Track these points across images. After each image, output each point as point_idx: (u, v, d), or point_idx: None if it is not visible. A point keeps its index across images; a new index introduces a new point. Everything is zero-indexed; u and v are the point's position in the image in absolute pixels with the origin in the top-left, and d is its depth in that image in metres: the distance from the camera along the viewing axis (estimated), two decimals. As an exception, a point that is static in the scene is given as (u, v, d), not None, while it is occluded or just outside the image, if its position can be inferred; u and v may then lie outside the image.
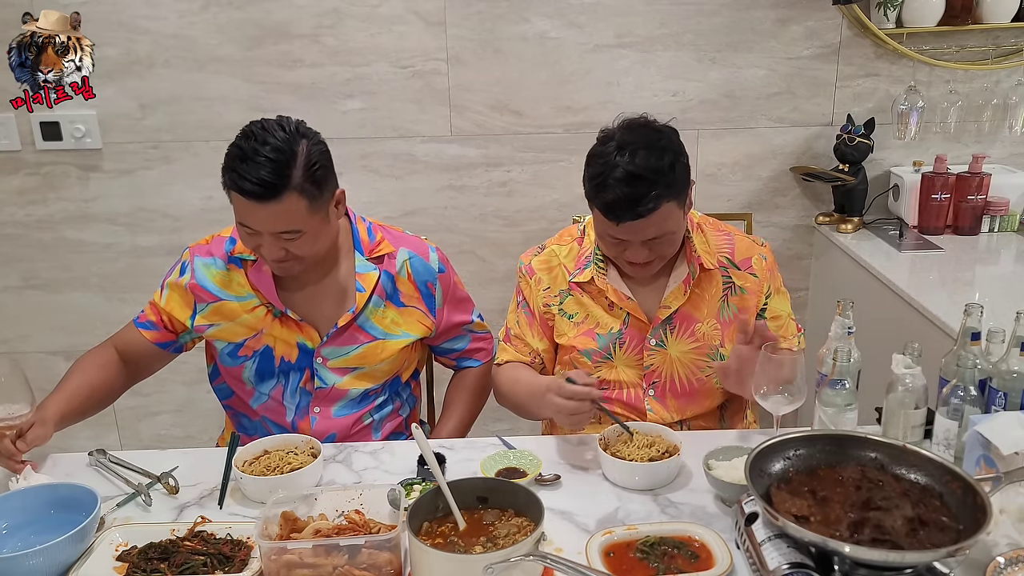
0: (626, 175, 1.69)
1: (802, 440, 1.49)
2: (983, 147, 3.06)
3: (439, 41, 2.89)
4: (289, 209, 1.70)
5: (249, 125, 1.75)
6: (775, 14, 2.91)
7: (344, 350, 1.93)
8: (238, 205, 1.73)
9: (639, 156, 1.70)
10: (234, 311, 1.91)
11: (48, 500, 1.51)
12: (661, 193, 1.71)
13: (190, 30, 2.85)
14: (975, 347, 1.60)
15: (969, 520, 1.29)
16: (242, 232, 1.78)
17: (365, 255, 1.93)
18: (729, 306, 1.92)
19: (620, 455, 1.65)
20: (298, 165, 1.70)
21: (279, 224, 1.72)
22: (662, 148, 1.73)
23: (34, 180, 3.00)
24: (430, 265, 1.99)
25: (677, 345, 1.90)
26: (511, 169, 3.04)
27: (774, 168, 3.08)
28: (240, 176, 1.68)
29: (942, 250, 2.77)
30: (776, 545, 1.31)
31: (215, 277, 1.92)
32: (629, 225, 1.72)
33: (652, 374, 1.91)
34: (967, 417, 1.53)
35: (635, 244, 1.77)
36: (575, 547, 1.43)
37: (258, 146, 1.69)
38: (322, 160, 1.76)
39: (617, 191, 1.69)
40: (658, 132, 1.78)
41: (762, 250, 1.97)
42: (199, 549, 1.44)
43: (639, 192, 1.69)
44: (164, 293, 1.96)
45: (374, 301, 1.94)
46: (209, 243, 1.96)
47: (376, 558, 1.34)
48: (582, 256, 1.94)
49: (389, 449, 1.81)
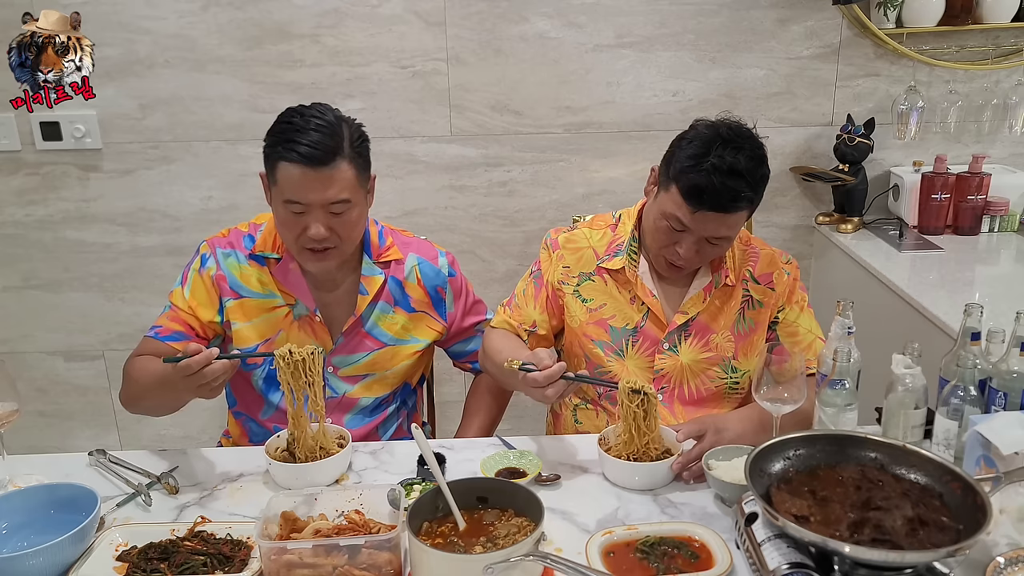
0: (727, 167, 1.67)
1: (802, 440, 1.48)
2: (983, 147, 3.06)
3: (439, 41, 2.89)
4: (342, 176, 1.73)
5: (289, 109, 1.78)
6: (775, 14, 2.92)
7: (354, 358, 1.93)
8: (288, 179, 1.72)
9: (744, 156, 1.69)
10: (254, 309, 1.90)
11: (48, 500, 1.51)
12: (750, 198, 1.71)
13: (190, 30, 2.85)
14: (975, 347, 1.59)
15: (969, 520, 1.28)
16: (286, 214, 1.76)
17: (372, 258, 1.92)
18: (745, 320, 1.90)
19: (620, 455, 1.65)
20: (346, 135, 1.74)
21: (332, 191, 1.72)
22: (761, 158, 1.74)
23: (34, 180, 3.00)
24: (440, 270, 1.99)
25: (690, 352, 1.89)
26: (511, 169, 3.04)
27: (774, 168, 2.95)
28: (296, 143, 1.69)
29: (942, 250, 2.76)
30: (776, 545, 1.31)
31: (237, 271, 1.90)
32: (704, 216, 1.71)
33: (662, 378, 1.90)
34: (967, 417, 1.52)
35: (693, 237, 1.76)
36: (575, 547, 1.43)
37: (308, 119, 1.73)
38: (364, 137, 1.81)
39: (714, 179, 1.67)
40: (758, 140, 1.77)
41: (787, 267, 1.94)
42: (199, 549, 1.43)
43: (734, 188, 1.68)
44: (187, 287, 1.90)
45: (381, 307, 1.93)
46: (228, 235, 1.94)
47: (376, 558, 1.34)
48: (614, 244, 1.92)
49: (389, 449, 1.81)
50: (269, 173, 1.77)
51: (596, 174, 3.06)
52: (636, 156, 3.04)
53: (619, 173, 3.06)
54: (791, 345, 1.89)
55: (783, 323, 1.92)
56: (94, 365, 3.17)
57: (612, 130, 3.01)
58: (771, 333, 1.92)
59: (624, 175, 3.06)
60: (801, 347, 1.89)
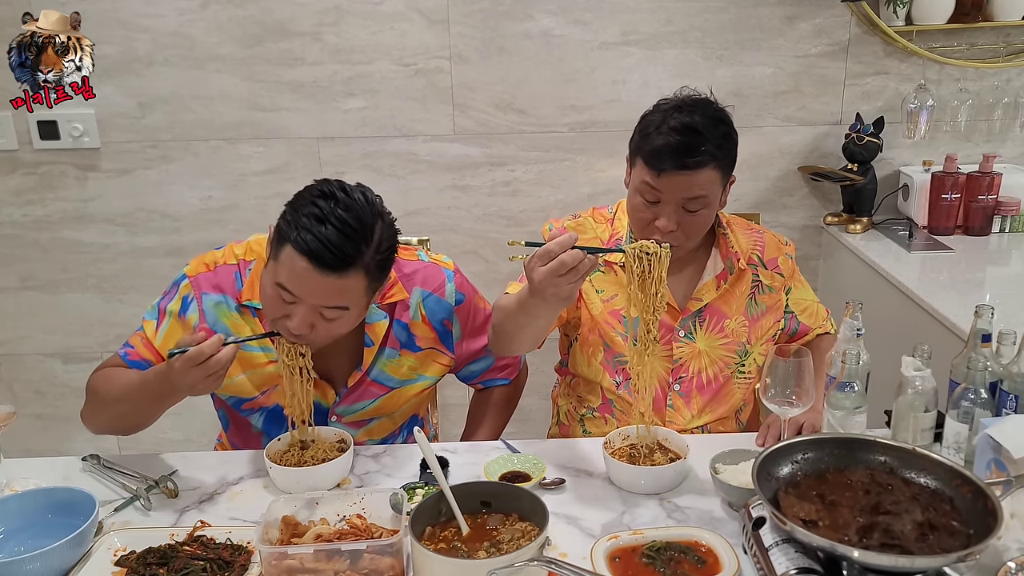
0: (681, 125, 1.72)
1: (810, 443, 1.48)
2: (994, 146, 3.04)
3: (442, 39, 2.88)
4: (349, 286, 1.57)
5: (327, 184, 1.60)
6: (783, 11, 2.90)
7: (359, 406, 1.85)
8: (290, 267, 1.54)
9: (697, 115, 1.74)
10: (247, 363, 1.76)
11: (45, 504, 1.50)
12: (710, 151, 1.73)
13: (190, 28, 2.84)
14: (986, 349, 1.58)
15: (980, 525, 1.28)
16: (273, 294, 1.59)
17: (376, 301, 1.75)
18: (757, 304, 1.93)
19: (625, 459, 1.64)
20: (373, 243, 1.57)
21: (331, 298, 1.57)
22: (719, 118, 1.77)
23: (31, 180, 2.99)
24: (446, 301, 1.85)
25: (706, 339, 1.91)
26: (515, 169, 3.03)
27: (782, 168, 3.07)
28: (315, 238, 1.51)
29: (952, 251, 2.75)
30: (784, 550, 1.30)
31: (229, 320, 1.74)
32: (671, 177, 1.73)
33: (681, 368, 1.90)
34: (977, 420, 1.51)
35: (668, 206, 1.76)
36: (580, 552, 1.42)
37: (340, 209, 1.54)
38: (393, 244, 1.63)
39: (669, 138, 1.72)
40: (716, 104, 1.81)
41: (787, 249, 2.00)
42: (199, 554, 1.42)
43: (691, 143, 1.71)
44: (162, 329, 1.76)
45: (387, 353, 1.82)
46: (214, 271, 1.77)
47: (378, 563, 1.34)
48: (613, 238, 1.93)
49: (391, 453, 1.80)
50: (275, 244, 1.59)
51: (601, 174, 3.05)
52: (641, 155, 3.02)
53: (624, 173, 3.02)
54: (807, 319, 2.00)
55: (793, 302, 1.99)
56: (92, 367, 3.07)
57: (618, 129, 2.98)
58: (790, 316, 1.99)
59: (629, 174, 3.03)
60: (815, 319, 2.01)
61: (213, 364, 1.50)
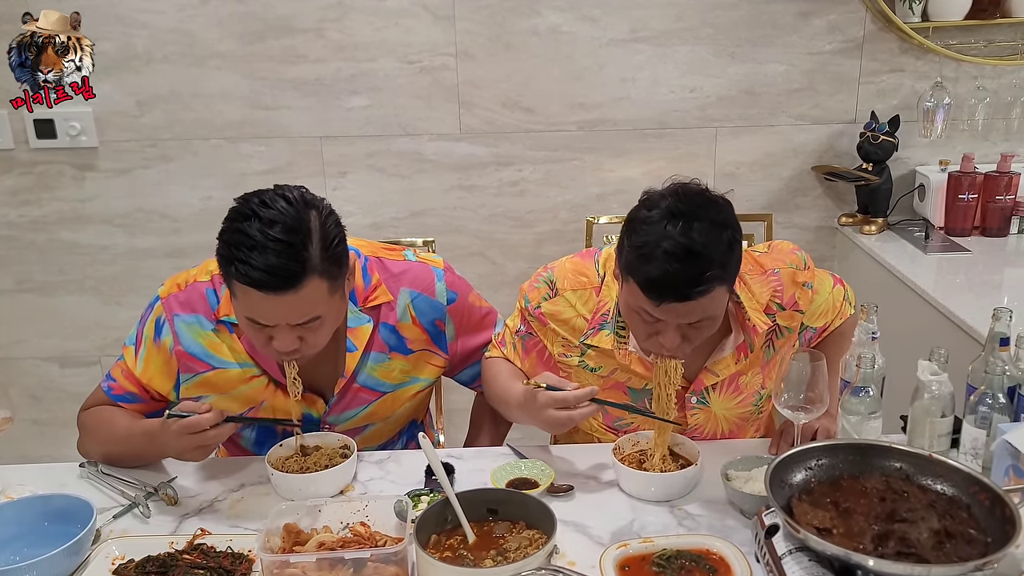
0: (680, 249, 1.45)
1: (824, 450, 1.48)
2: (1012, 145, 3.01)
3: (447, 35, 2.86)
4: (308, 296, 1.50)
5: (244, 201, 1.52)
6: (796, 7, 2.88)
7: (350, 413, 1.80)
8: (245, 299, 1.51)
9: (695, 229, 1.46)
10: (229, 382, 1.72)
11: (41, 512, 1.50)
12: (716, 275, 1.48)
13: (189, 24, 2.83)
14: (1004, 353, 1.57)
15: (998, 532, 1.28)
16: (248, 327, 1.57)
17: (358, 304, 1.72)
18: (773, 348, 1.77)
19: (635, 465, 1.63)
20: (314, 243, 1.50)
21: (297, 314, 1.52)
22: (721, 223, 1.50)
23: (28, 180, 2.97)
24: (436, 301, 1.79)
25: (721, 402, 1.78)
26: (522, 168, 3.01)
27: (795, 167, 3.04)
28: (250, 267, 1.45)
29: (969, 252, 2.74)
30: (797, 559, 1.29)
31: (204, 341, 1.70)
32: (670, 307, 1.49)
33: (695, 431, 1.80)
34: (995, 426, 1.51)
35: (670, 328, 1.54)
36: (589, 561, 1.41)
37: (264, 228, 1.46)
38: (338, 232, 1.56)
39: (666, 266, 1.45)
40: (715, 204, 1.53)
41: (804, 276, 1.76)
42: (199, 563, 1.42)
43: (692, 271, 1.46)
44: (140, 356, 1.72)
45: (375, 357, 1.76)
46: (184, 291, 1.71)
47: (382, 572, 1.33)
48: (599, 313, 1.72)
49: (396, 459, 1.78)
50: (225, 279, 1.55)
51: (610, 173, 3.03)
52: (652, 155, 3.01)
53: (634, 172, 3.02)
54: (821, 320, 1.79)
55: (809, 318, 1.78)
56: (90, 372, 3.14)
57: (627, 128, 2.97)
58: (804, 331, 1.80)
59: (639, 174, 3.02)
60: (825, 311, 1.79)
61: (208, 438, 1.54)
